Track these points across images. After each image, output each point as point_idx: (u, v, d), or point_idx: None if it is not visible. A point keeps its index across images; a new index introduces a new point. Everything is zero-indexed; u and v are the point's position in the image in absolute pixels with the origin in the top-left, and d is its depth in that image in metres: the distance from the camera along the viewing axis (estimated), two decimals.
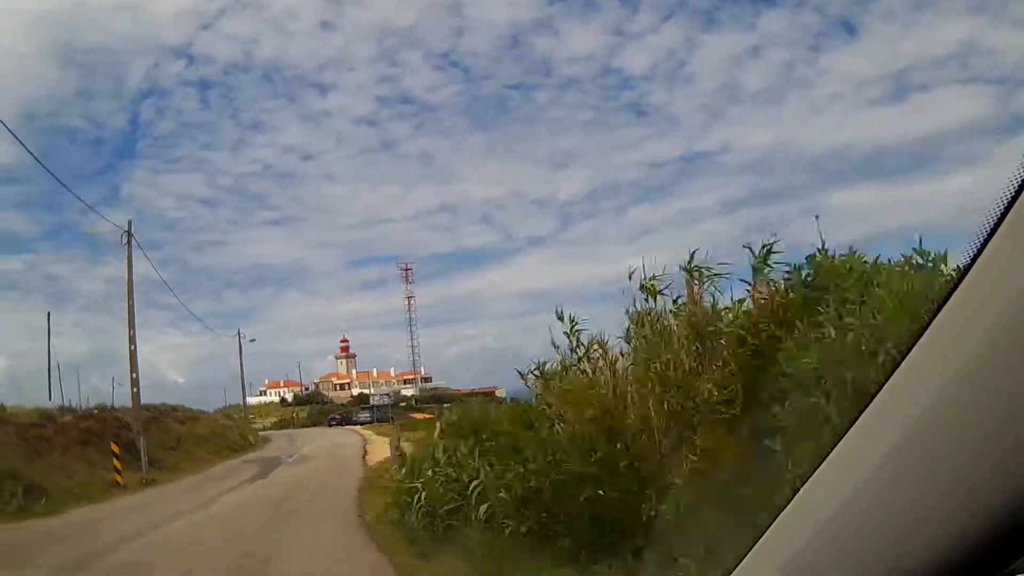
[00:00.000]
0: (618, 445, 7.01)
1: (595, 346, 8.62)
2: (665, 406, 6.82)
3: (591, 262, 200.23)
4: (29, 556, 10.43)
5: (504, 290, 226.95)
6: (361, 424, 64.02)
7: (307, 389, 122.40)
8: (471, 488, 8.58)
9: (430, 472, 10.23)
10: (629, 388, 7.55)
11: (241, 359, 63.82)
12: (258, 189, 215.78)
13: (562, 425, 7.99)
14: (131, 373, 25.29)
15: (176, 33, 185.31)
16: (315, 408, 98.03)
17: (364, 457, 28.60)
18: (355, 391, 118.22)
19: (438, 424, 20.03)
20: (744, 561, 1.69)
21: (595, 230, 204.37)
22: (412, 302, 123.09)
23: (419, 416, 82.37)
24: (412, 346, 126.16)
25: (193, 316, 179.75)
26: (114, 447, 22.04)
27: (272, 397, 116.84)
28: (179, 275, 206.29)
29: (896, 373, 1.29)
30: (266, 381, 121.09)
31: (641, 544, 6.06)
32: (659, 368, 6.94)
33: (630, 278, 7.80)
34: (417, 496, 9.64)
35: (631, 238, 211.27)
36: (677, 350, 6.97)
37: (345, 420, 69.37)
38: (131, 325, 23.77)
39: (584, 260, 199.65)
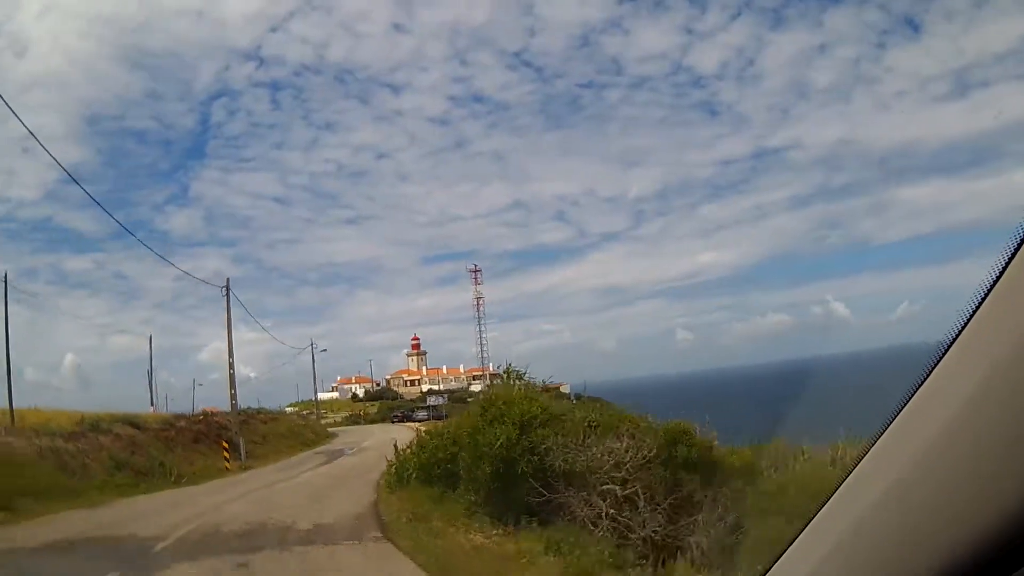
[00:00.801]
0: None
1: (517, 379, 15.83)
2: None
3: (663, 258, 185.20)
4: (212, 494, 18.63)
5: (578, 286, 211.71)
6: (419, 421, 69.62)
7: (378, 385, 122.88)
8: (431, 461, 15.99)
9: (411, 452, 17.79)
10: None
11: (314, 368, 72.63)
12: (332, 188, 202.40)
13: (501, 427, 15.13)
14: (230, 389, 33.91)
15: (245, 36, 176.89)
16: (385, 404, 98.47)
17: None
18: (424, 387, 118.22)
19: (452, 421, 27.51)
20: (771, 571, 1.74)
21: (667, 227, 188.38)
22: (481, 302, 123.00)
23: None
24: (480, 343, 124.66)
25: (269, 307, 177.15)
26: (224, 444, 30.44)
27: (344, 393, 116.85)
28: (252, 272, 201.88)
29: (922, 387, 1.33)
30: (338, 377, 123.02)
31: (517, 506, 13.21)
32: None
33: None
34: (401, 466, 17.21)
35: (703, 234, 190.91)
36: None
37: (406, 417, 72.47)
38: (231, 354, 32.10)
39: (656, 256, 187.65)
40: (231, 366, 31.85)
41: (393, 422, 71.19)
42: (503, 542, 9.63)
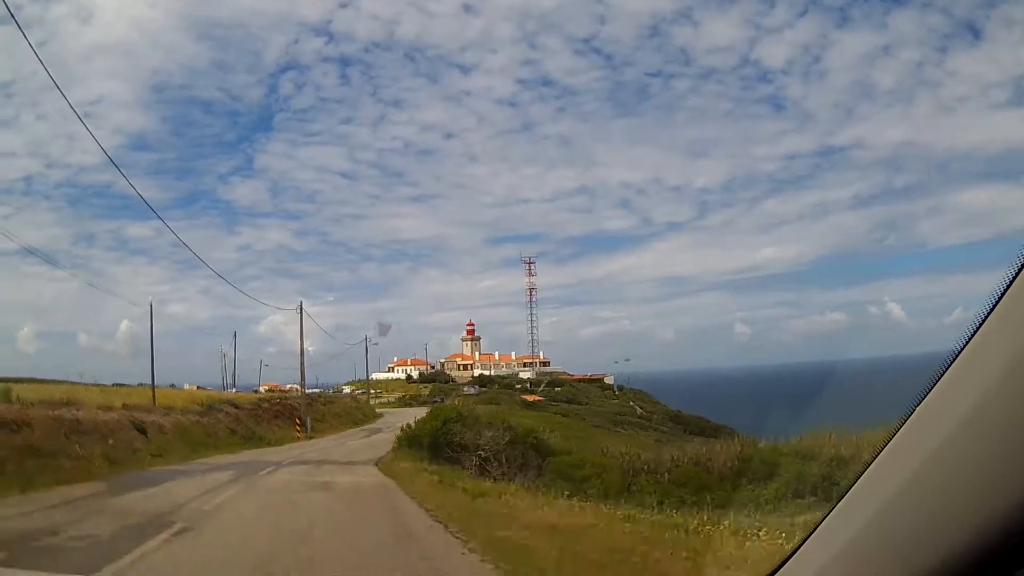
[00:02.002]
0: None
1: None
2: None
3: (725, 250, 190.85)
4: (293, 450, 32.02)
5: (640, 274, 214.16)
6: None
7: (433, 368, 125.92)
8: (411, 436, 28.94)
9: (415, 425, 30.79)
10: None
11: (367, 359, 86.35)
12: (399, 165, 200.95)
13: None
14: (300, 380, 47.75)
15: (314, 11, 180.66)
16: (436, 387, 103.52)
17: None
18: (476, 372, 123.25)
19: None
20: (784, 567, 1.79)
21: (730, 219, 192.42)
22: (533, 292, 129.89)
23: (530, 398, 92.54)
24: (531, 332, 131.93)
25: (333, 281, 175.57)
26: (297, 420, 44.36)
27: (399, 375, 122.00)
28: (317, 245, 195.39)
29: (937, 385, 1.37)
30: (395, 359, 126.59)
31: (439, 458, 26.13)
32: None
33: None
34: (399, 439, 30.21)
35: (764, 229, 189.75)
36: None
37: (444, 401, 78.95)
38: (302, 363, 45.88)
39: (718, 248, 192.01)
40: (302, 366, 45.54)
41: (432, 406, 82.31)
42: (422, 469, 22.24)
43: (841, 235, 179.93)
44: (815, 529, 1.69)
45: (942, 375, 1.37)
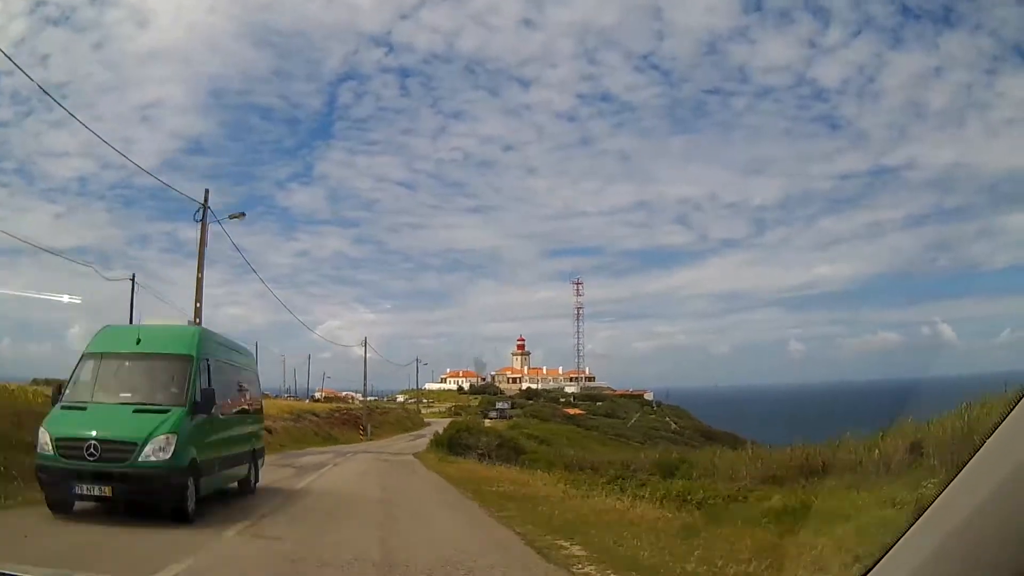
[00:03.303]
0: None
1: None
2: None
3: (781, 268, 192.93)
4: (360, 447, 46.72)
5: (696, 290, 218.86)
6: (491, 419, 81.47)
7: (483, 380, 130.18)
8: (440, 440, 43.17)
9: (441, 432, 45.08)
10: None
11: (417, 376, 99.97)
12: (457, 176, 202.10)
13: None
14: (363, 395, 62.73)
15: (375, 21, 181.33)
16: (485, 399, 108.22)
17: None
18: (525, 385, 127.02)
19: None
20: (877, 567, 1.80)
21: (786, 237, 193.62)
22: (580, 311, 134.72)
23: (572, 411, 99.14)
24: (578, 348, 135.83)
25: (390, 289, 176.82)
26: (360, 427, 59.40)
27: (451, 385, 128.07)
28: (374, 254, 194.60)
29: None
30: (447, 370, 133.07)
31: (457, 452, 40.36)
32: None
33: None
34: (433, 441, 44.52)
35: (820, 247, 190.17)
36: None
37: (484, 414, 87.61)
38: (364, 390, 60.92)
39: (774, 265, 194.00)
40: (364, 385, 60.51)
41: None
42: (440, 458, 36.25)
43: (894, 255, 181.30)
44: (904, 534, 1.71)
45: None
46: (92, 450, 9.82)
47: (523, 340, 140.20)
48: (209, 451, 11.37)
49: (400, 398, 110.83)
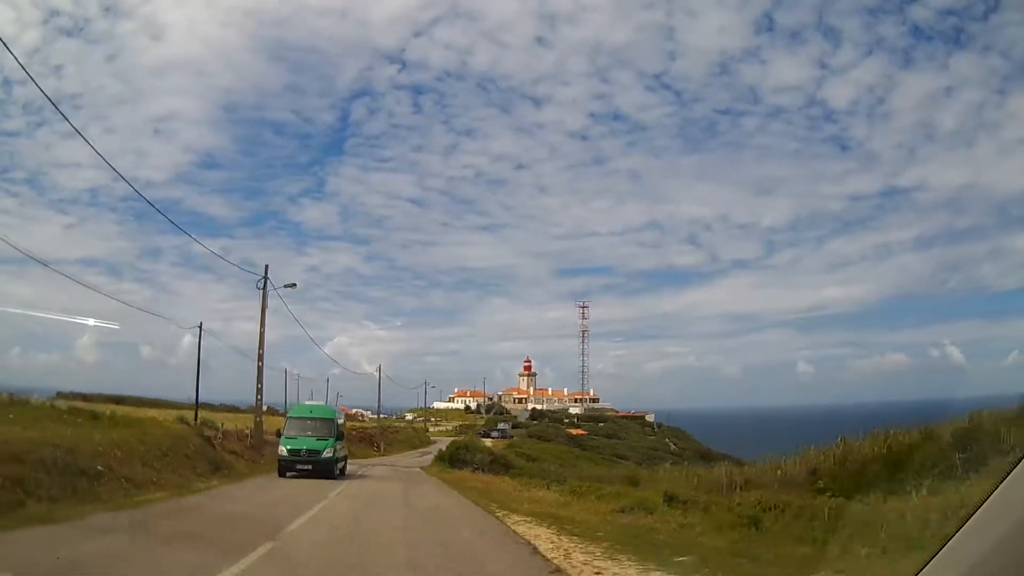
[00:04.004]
0: None
1: None
2: None
3: (791, 289, 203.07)
4: (375, 460, 55.55)
5: (706, 310, 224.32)
6: (492, 438, 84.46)
7: (490, 399, 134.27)
8: (444, 455, 51.91)
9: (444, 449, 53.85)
10: None
11: (425, 397, 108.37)
12: (469, 194, 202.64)
13: None
14: (378, 416, 71.60)
15: (388, 38, 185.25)
16: (491, 419, 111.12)
17: None
18: (531, 406, 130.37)
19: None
20: (929, 565, 1.83)
21: (796, 258, 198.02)
22: (585, 334, 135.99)
23: (575, 432, 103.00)
24: (582, 370, 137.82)
25: (400, 306, 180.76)
26: (375, 443, 68.35)
27: (459, 404, 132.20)
28: (385, 271, 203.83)
29: None
30: (455, 390, 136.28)
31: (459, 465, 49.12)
32: None
33: None
34: (437, 456, 53.29)
35: (829, 268, 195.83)
36: None
37: (486, 434, 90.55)
38: (379, 410, 69.95)
39: (784, 287, 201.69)
40: (379, 406, 69.48)
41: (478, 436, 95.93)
42: (442, 469, 44.86)
43: (904, 276, 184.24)
44: (948, 540, 1.73)
45: None
46: (304, 454, 25.52)
47: (530, 361, 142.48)
48: (340, 455, 27.20)
49: (409, 416, 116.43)
